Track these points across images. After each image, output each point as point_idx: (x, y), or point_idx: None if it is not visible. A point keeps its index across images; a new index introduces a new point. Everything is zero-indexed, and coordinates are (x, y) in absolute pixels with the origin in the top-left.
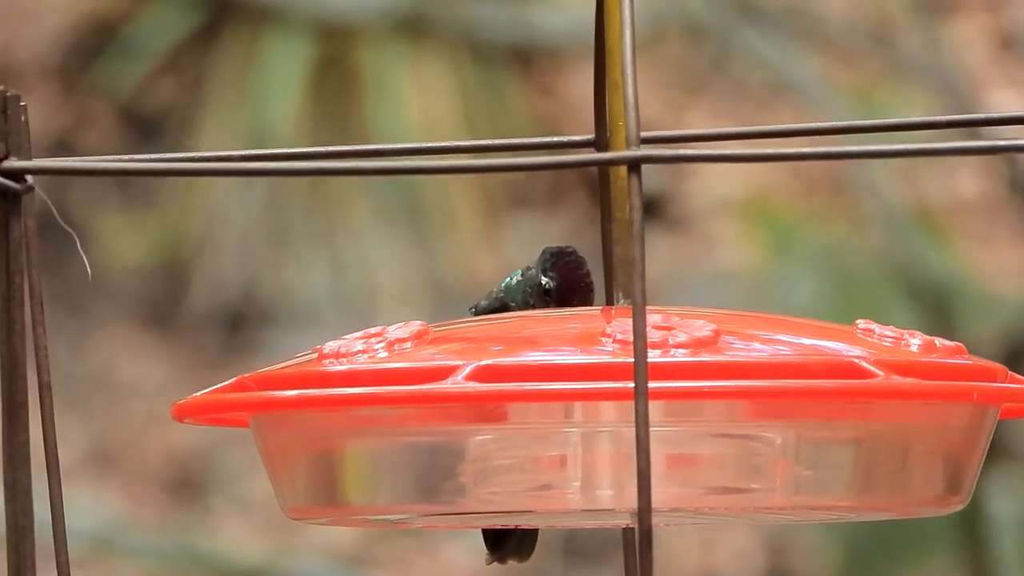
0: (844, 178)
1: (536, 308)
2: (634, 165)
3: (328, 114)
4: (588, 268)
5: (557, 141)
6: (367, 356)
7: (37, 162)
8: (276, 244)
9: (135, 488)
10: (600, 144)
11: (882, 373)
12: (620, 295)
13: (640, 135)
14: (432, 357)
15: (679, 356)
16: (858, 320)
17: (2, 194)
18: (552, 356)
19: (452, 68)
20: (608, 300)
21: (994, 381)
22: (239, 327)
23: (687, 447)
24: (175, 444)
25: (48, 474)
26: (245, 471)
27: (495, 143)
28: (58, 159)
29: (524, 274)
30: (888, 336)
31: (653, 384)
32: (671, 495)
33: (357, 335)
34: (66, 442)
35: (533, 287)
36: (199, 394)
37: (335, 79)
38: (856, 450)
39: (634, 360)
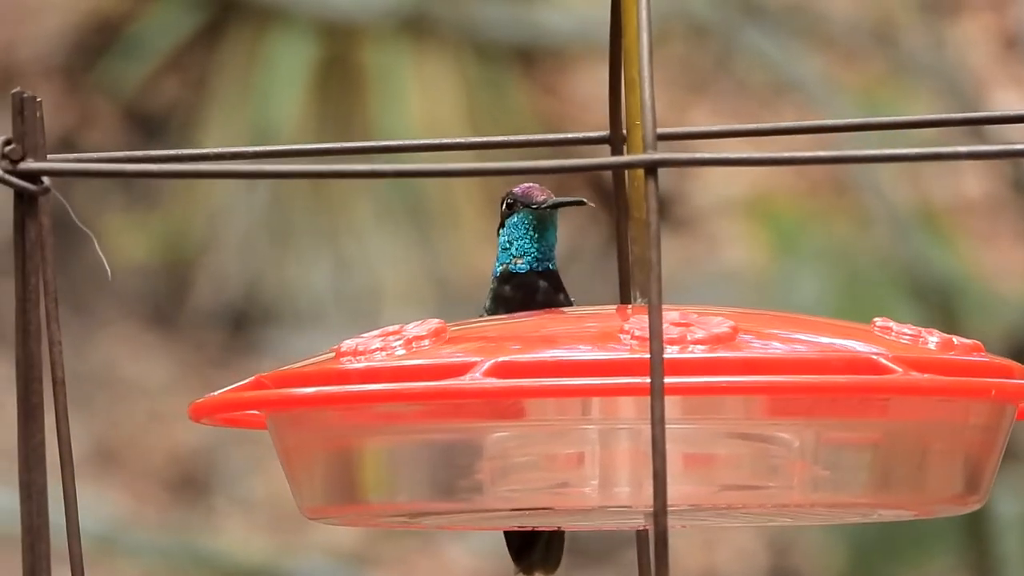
0: (848, 178)
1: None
2: (651, 168)
3: (332, 113)
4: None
5: (571, 138)
6: (385, 354)
7: (54, 163)
8: (279, 243)
9: (138, 487)
10: (615, 141)
11: (900, 369)
12: (637, 294)
13: (657, 136)
14: (450, 354)
15: (697, 352)
16: (875, 318)
17: (18, 195)
18: (570, 353)
19: (456, 67)
20: (624, 299)
21: (1011, 378)
22: (242, 326)
23: (705, 445)
24: (178, 443)
25: (62, 469)
26: (248, 470)
27: (506, 140)
28: (74, 160)
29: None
30: (906, 334)
31: (670, 379)
32: (688, 492)
33: (375, 333)
34: None
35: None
36: (216, 393)
37: (339, 78)
38: (874, 448)
39: (650, 359)
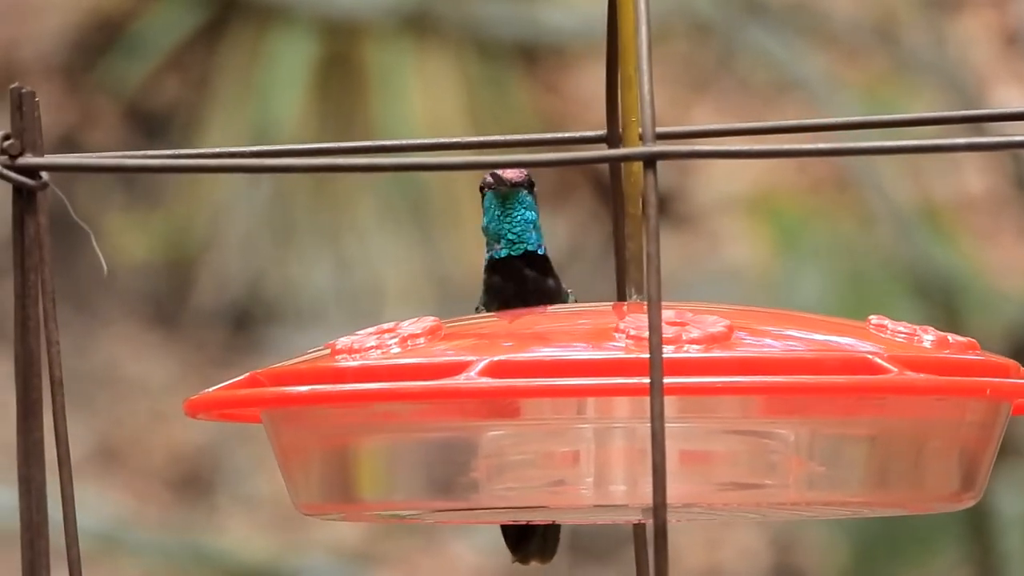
0: (850, 175)
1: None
2: (650, 161)
3: (333, 112)
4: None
5: (569, 137)
6: (380, 352)
7: (52, 158)
8: (281, 242)
9: (140, 486)
10: (612, 140)
11: (896, 369)
12: (632, 291)
13: (656, 131)
14: (445, 353)
15: (693, 352)
16: (871, 316)
17: (17, 191)
18: (566, 352)
19: (457, 65)
20: (620, 296)
21: (1007, 377)
22: (244, 325)
23: (701, 443)
24: (180, 442)
25: (60, 468)
26: (250, 469)
27: (506, 139)
28: (72, 156)
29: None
30: (901, 332)
31: (668, 380)
32: (684, 491)
33: (370, 331)
34: (71, 440)
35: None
36: (211, 390)
37: (340, 77)
38: (869, 446)
39: (649, 356)
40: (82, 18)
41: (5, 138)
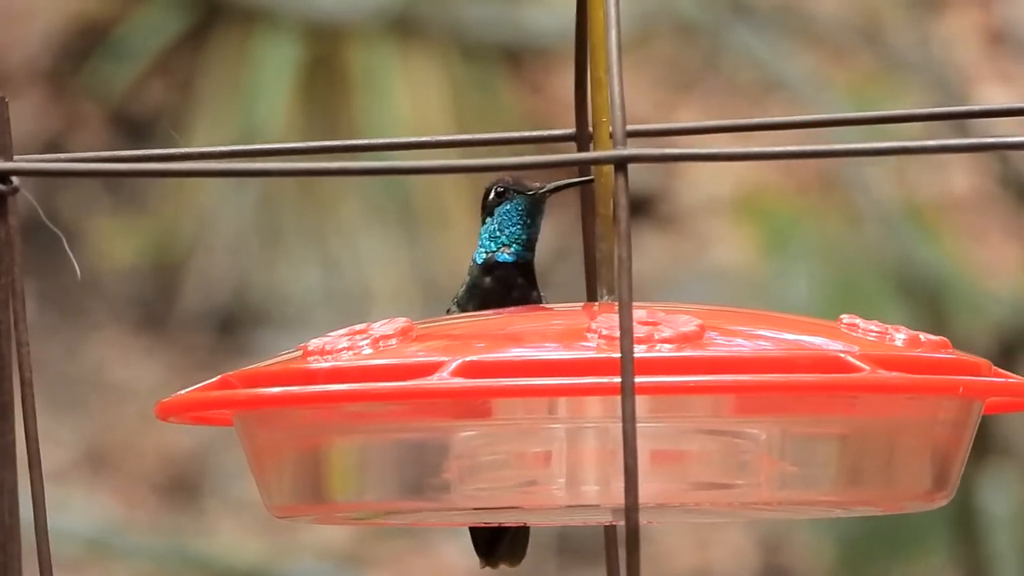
0: (836, 175)
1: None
2: (620, 164)
3: (319, 114)
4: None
5: (537, 136)
6: (352, 353)
7: (22, 163)
8: (268, 244)
9: (129, 490)
10: (581, 139)
11: (868, 367)
12: (604, 291)
13: (626, 130)
14: (417, 353)
15: (665, 351)
16: (842, 315)
17: None
18: (538, 352)
19: (442, 68)
20: (591, 296)
21: (978, 375)
22: (231, 328)
23: (672, 443)
24: (169, 446)
25: (30, 470)
26: (239, 473)
27: (476, 138)
28: (44, 159)
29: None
30: (873, 331)
31: (640, 379)
32: (656, 491)
33: (342, 332)
34: (60, 444)
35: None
36: (183, 392)
37: (325, 79)
38: (841, 445)
39: (620, 356)
40: (67, 23)
41: None
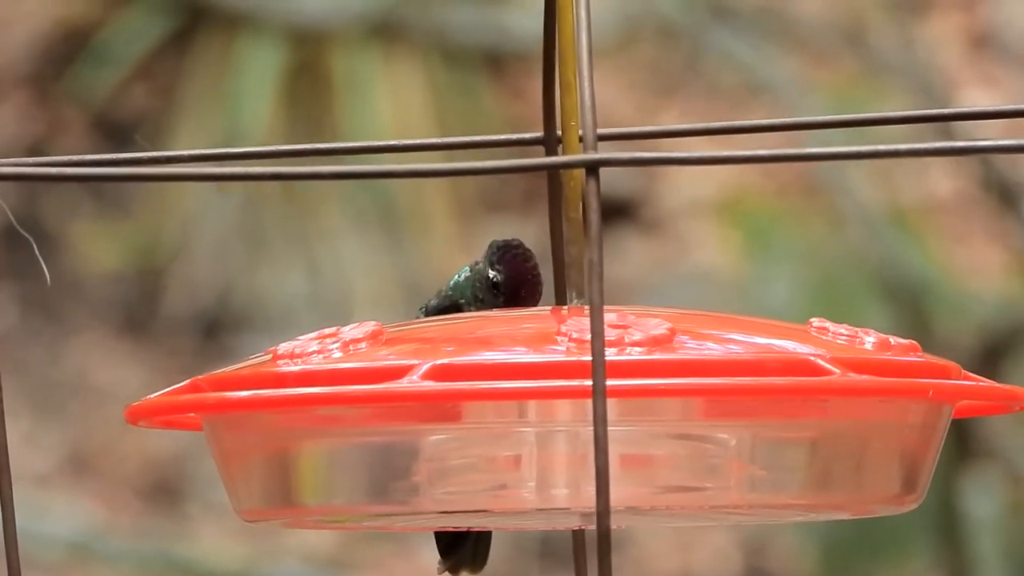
0: (819, 178)
1: (486, 303)
2: (592, 168)
3: (302, 119)
4: (535, 261)
5: (504, 140)
6: (322, 356)
7: (4, 168)
8: (251, 249)
9: (112, 494)
10: (549, 143)
11: (838, 371)
12: (573, 295)
13: (597, 134)
14: (387, 357)
15: (635, 355)
16: (812, 319)
17: None
18: (508, 355)
19: (424, 72)
20: (559, 300)
21: (949, 378)
22: (215, 332)
23: (642, 446)
24: (151, 450)
25: None
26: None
27: (440, 142)
28: (26, 164)
29: (472, 270)
30: (842, 334)
31: (610, 382)
32: (626, 494)
33: (312, 336)
34: (42, 448)
35: (482, 281)
36: (153, 396)
37: (308, 84)
38: (811, 448)
39: (592, 359)
40: (50, 28)
41: None
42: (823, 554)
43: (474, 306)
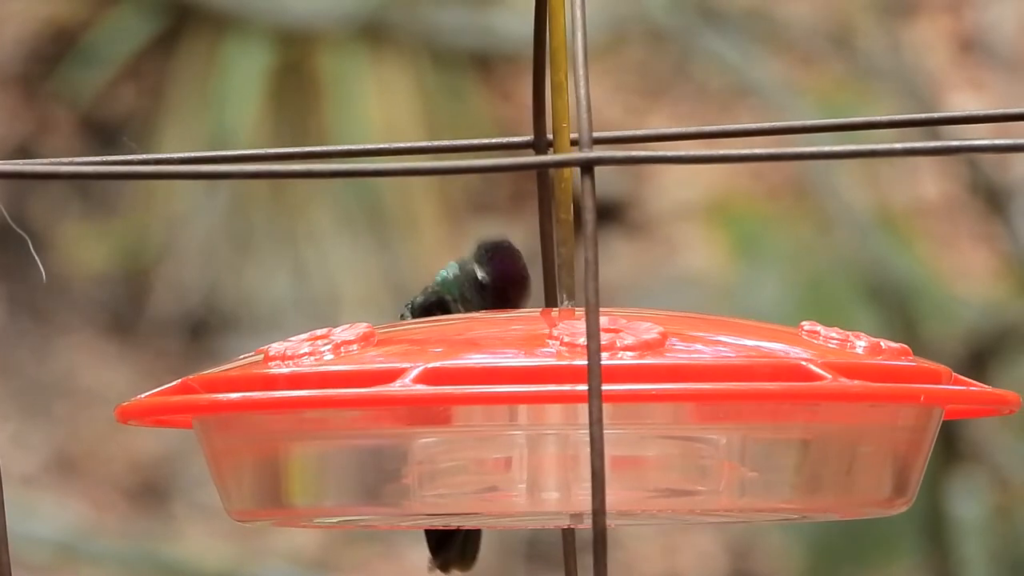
0: (807, 180)
1: (473, 301)
2: (587, 167)
3: (289, 120)
4: (523, 260)
5: (494, 143)
6: (313, 358)
7: None
8: (238, 250)
9: (98, 495)
10: (539, 146)
11: (830, 375)
12: (564, 297)
13: (592, 136)
14: (378, 359)
15: (627, 359)
16: (803, 322)
17: None
18: (501, 359)
19: (413, 74)
20: (548, 301)
21: (939, 383)
22: (202, 333)
23: (632, 449)
24: (138, 451)
25: None
26: (208, 478)
27: (429, 145)
28: (13, 164)
29: (460, 268)
30: (833, 338)
31: (606, 387)
32: (616, 498)
33: (303, 337)
34: (29, 449)
35: (469, 280)
36: (143, 396)
37: (296, 85)
38: (802, 452)
39: (588, 361)
40: (37, 27)
41: None
42: (809, 556)
43: (461, 305)
